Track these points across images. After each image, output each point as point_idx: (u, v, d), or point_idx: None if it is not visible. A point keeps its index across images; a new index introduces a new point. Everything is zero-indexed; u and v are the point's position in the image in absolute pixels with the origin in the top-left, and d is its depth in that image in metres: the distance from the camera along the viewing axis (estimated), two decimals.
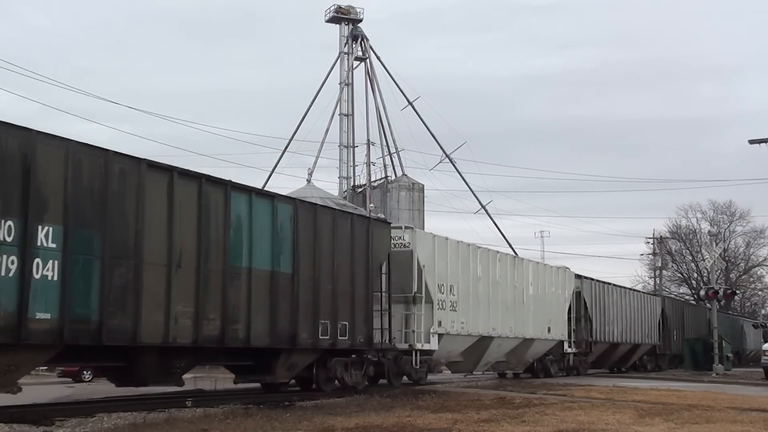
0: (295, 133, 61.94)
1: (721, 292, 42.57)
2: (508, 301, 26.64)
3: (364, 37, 64.18)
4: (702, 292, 47.31)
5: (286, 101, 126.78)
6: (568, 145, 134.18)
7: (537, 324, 28.69)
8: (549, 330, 29.71)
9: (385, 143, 62.65)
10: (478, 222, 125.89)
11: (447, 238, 23.54)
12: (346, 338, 18.61)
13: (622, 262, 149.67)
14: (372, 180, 59.14)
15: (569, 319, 31.83)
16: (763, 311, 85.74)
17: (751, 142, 34.84)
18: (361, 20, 64.45)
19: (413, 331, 21.40)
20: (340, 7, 64.03)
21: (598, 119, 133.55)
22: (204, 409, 14.53)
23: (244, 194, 16.09)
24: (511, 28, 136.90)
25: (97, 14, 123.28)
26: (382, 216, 48.98)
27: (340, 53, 64.14)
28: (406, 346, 21.33)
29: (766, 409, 16.33)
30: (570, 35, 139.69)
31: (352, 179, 63.39)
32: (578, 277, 34.00)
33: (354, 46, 64.23)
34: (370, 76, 64.08)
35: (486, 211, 62.09)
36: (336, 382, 19.16)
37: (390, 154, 62.72)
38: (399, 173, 62.13)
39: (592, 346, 34.48)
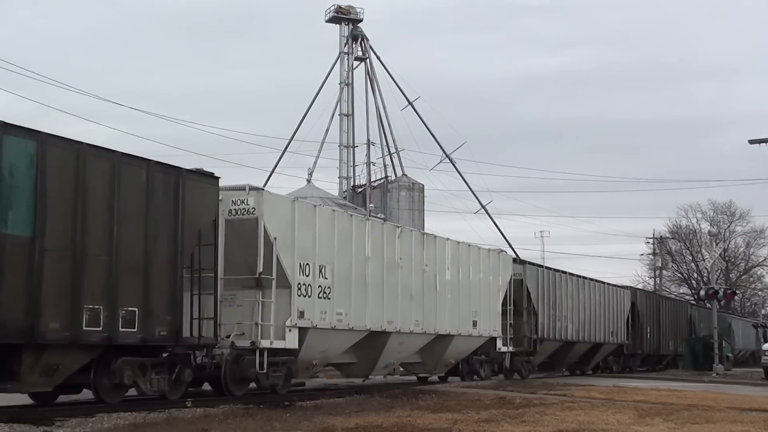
0: (295, 133, 62.03)
1: (721, 292, 42.55)
2: (413, 287, 21.34)
3: (364, 37, 64.22)
4: (702, 292, 47.29)
5: (285, 101, 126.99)
6: (566, 145, 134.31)
7: (457, 317, 23.43)
8: (475, 325, 24.39)
9: (385, 143, 62.74)
10: (478, 222, 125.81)
11: (316, 205, 18.64)
12: (136, 330, 13.83)
13: (622, 262, 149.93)
14: (372, 180, 59.18)
15: (505, 312, 26.38)
16: (763, 311, 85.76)
17: (751, 142, 34.87)
18: (361, 20, 64.50)
19: (256, 324, 16.38)
20: (340, 7, 64.06)
21: (596, 119, 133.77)
22: (204, 409, 14.52)
23: None
24: (508, 28, 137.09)
25: (95, 15, 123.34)
26: (382, 216, 49.07)
27: (340, 53, 64.17)
28: (248, 343, 16.41)
29: (766, 409, 16.33)
30: (567, 36, 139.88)
31: (352, 179, 63.46)
32: (520, 262, 29.58)
33: (354, 46, 64.27)
34: (370, 76, 64.13)
35: (486, 211, 62.13)
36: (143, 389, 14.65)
37: (390, 154, 62.81)
38: (399, 173, 62.19)
39: (538, 344, 29.17)
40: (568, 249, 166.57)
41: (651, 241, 75.85)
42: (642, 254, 78.16)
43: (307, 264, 17.60)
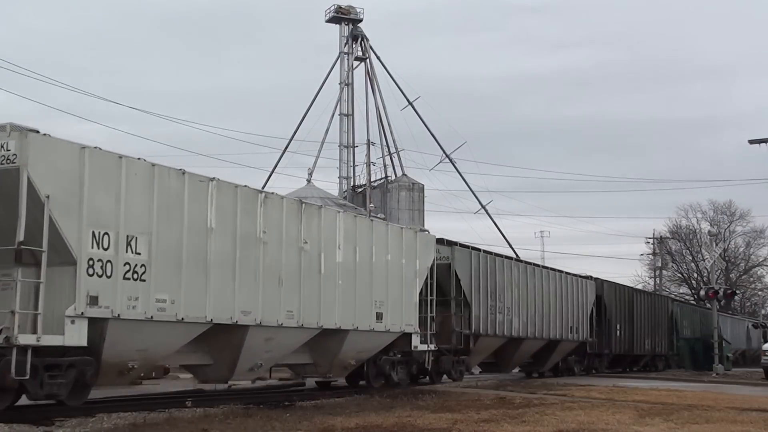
0: (295, 133, 62.08)
1: (721, 292, 42.56)
2: (283, 270, 16.54)
3: (364, 37, 64.25)
4: (702, 292, 47.30)
5: (284, 102, 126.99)
6: (565, 145, 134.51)
7: (352, 308, 18.73)
8: (379, 318, 19.80)
9: (385, 143, 62.79)
10: (478, 222, 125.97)
11: (123, 156, 13.62)
12: None
13: (622, 262, 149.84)
14: (372, 180, 59.21)
15: (427, 303, 21.68)
16: (763, 311, 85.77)
17: (751, 142, 34.86)
18: (361, 20, 64.53)
19: (12, 313, 11.88)
20: (340, 7, 64.09)
21: (594, 119, 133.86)
22: (204, 409, 14.53)
23: None
24: (505, 28, 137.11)
25: (93, 15, 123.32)
26: (382, 216, 49.09)
27: (340, 53, 64.20)
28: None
29: (766, 409, 16.33)
30: (564, 36, 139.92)
31: (352, 179, 63.49)
32: (447, 243, 24.36)
33: (354, 46, 64.29)
34: (370, 76, 64.17)
35: (486, 211, 62.17)
36: None
37: (390, 154, 62.85)
38: (399, 173, 62.22)
39: (472, 341, 24.53)
40: (568, 249, 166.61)
41: (651, 241, 75.92)
42: (642, 254, 78.26)
43: (107, 233, 13.15)
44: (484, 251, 26.76)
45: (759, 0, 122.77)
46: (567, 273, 32.22)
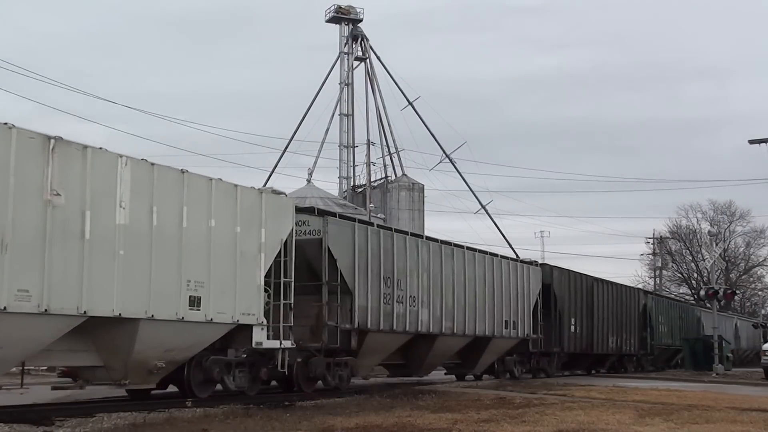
0: (295, 133, 62.10)
1: (721, 292, 42.55)
2: (8, 230, 11.66)
3: (364, 37, 64.28)
4: (702, 292, 47.26)
5: (283, 102, 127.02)
6: (563, 145, 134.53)
7: (146, 289, 13.88)
8: (196, 303, 14.75)
9: (385, 143, 62.82)
10: (478, 222, 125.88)
11: None
12: None
13: (622, 262, 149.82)
14: (372, 180, 59.20)
15: (281, 287, 16.97)
16: (763, 311, 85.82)
17: (751, 142, 34.88)
18: (361, 20, 64.56)
19: None
20: (340, 7, 64.12)
21: (592, 120, 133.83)
22: (204, 409, 14.53)
23: None
24: (502, 29, 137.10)
25: (91, 16, 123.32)
26: (382, 216, 49.10)
27: (340, 53, 64.22)
28: None
29: (766, 409, 16.33)
30: (561, 37, 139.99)
31: (352, 179, 63.50)
32: (319, 213, 19.51)
33: (354, 46, 64.31)
34: (370, 76, 64.20)
35: (486, 211, 62.18)
36: None
37: (390, 154, 62.88)
38: (399, 173, 62.25)
39: (355, 337, 19.55)
40: (568, 249, 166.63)
41: (651, 241, 75.96)
42: (642, 254, 78.30)
43: None
44: (378, 226, 21.93)
45: (751, 2, 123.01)
46: (503, 257, 27.33)
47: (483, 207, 62.01)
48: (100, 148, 13.32)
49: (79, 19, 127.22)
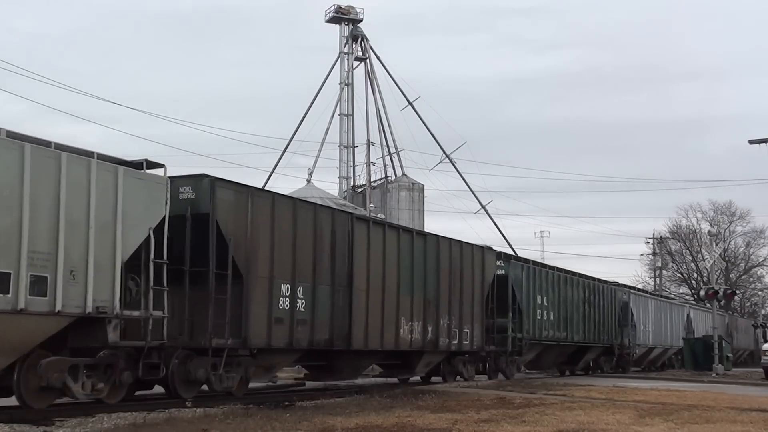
0: (295, 133, 62.04)
1: (721, 293, 42.54)
2: None
3: (364, 37, 64.23)
4: (702, 292, 47.24)
5: (282, 103, 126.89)
6: (561, 145, 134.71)
7: None
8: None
9: (385, 143, 62.75)
10: (478, 222, 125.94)
11: None
12: None
13: (622, 262, 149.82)
14: (372, 180, 59.23)
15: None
16: (763, 311, 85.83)
17: (751, 142, 34.86)
18: (361, 20, 64.50)
19: None
20: (340, 7, 64.08)
21: (588, 120, 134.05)
22: (204, 409, 14.53)
23: None
24: (494, 30, 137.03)
25: (84, 16, 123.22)
26: (382, 216, 49.11)
27: (340, 53, 64.17)
28: None
29: (766, 409, 16.33)
30: (553, 37, 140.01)
31: (352, 179, 63.44)
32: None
33: (354, 46, 64.29)
34: (370, 76, 64.15)
35: (486, 211, 62.13)
36: None
37: (390, 154, 62.81)
38: (399, 173, 62.18)
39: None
40: (569, 249, 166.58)
41: (651, 241, 75.94)
42: (642, 254, 78.28)
43: None
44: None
45: (744, 3, 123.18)
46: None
47: (483, 207, 62.01)
48: None
49: (75, 19, 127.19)
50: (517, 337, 27.96)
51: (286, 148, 61.81)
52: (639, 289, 44.27)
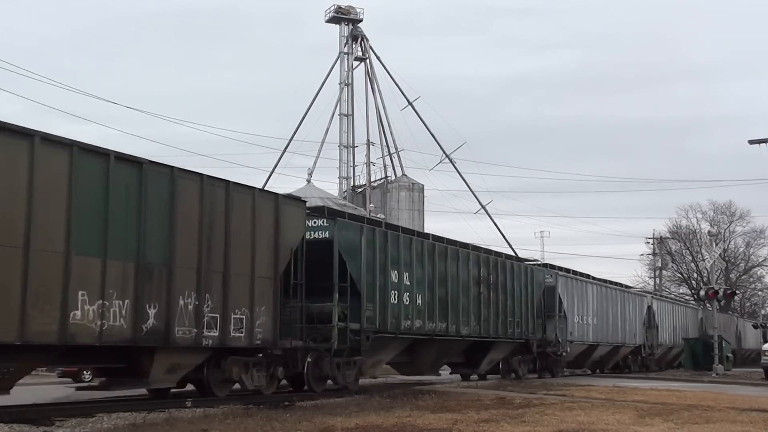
0: (295, 133, 62.18)
1: (721, 293, 42.53)
2: None
3: (364, 38, 64.29)
4: (702, 293, 47.23)
5: (280, 103, 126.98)
6: (558, 146, 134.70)
7: None
8: None
9: (385, 143, 62.86)
10: (478, 222, 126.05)
11: None
12: None
13: (622, 262, 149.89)
14: (372, 180, 59.31)
15: None
16: (763, 311, 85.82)
17: (751, 142, 34.87)
18: (361, 20, 64.58)
19: None
20: (340, 7, 64.11)
21: (585, 121, 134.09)
22: (204, 409, 14.53)
23: None
24: (489, 30, 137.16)
25: (83, 17, 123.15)
26: (382, 216, 49.12)
27: (339, 53, 64.21)
28: None
29: (766, 409, 16.33)
30: (548, 37, 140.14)
31: (351, 179, 63.49)
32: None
33: (354, 46, 64.32)
34: (370, 76, 64.21)
35: (486, 211, 62.19)
36: None
37: (390, 154, 62.89)
38: (399, 173, 62.26)
39: None
40: (568, 249, 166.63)
41: (651, 241, 75.93)
42: (642, 254, 78.26)
43: None
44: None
45: (738, 3, 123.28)
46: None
47: (483, 207, 62.06)
48: None
49: (74, 19, 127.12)
50: (350, 329, 19.35)
51: (286, 148, 61.94)
52: (578, 273, 35.15)
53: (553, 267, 33.35)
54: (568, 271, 34.11)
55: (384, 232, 21.16)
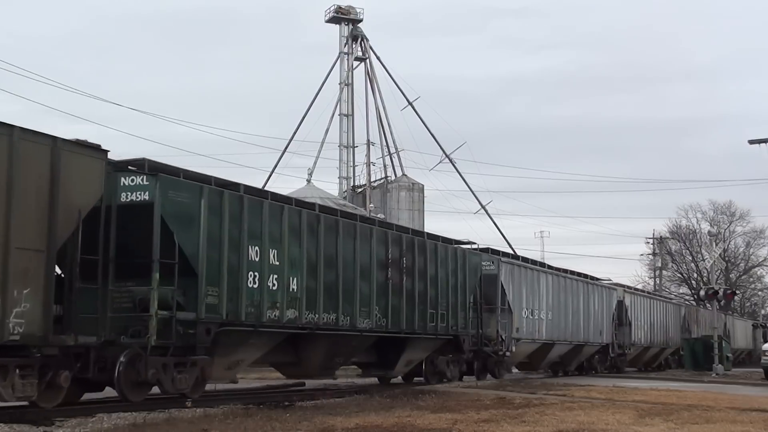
0: (294, 133, 62.07)
1: (721, 293, 42.54)
2: None
3: (364, 38, 64.25)
4: (702, 293, 47.25)
5: (280, 103, 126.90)
6: (559, 146, 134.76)
7: None
8: None
9: (385, 143, 62.77)
10: (478, 222, 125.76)
11: None
12: None
13: (622, 262, 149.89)
14: (372, 180, 59.28)
15: None
16: (763, 311, 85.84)
17: (751, 142, 34.90)
18: (361, 20, 64.52)
19: None
20: (340, 8, 64.09)
21: (583, 121, 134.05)
22: (204, 409, 14.53)
23: None
24: (486, 30, 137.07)
25: (83, 17, 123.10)
26: (382, 216, 49.13)
27: (339, 53, 64.17)
28: None
29: (766, 409, 16.33)
30: (546, 38, 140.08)
31: (351, 179, 63.45)
32: None
33: (354, 46, 64.30)
34: (370, 76, 64.15)
35: (486, 211, 62.13)
36: None
37: (390, 154, 62.82)
38: (399, 173, 62.20)
39: None
40: (568, 249, 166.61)
41: (651, 241, 75.91)
42: (642, 254, 78.23)
43: None
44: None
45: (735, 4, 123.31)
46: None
47: (483, 207, 62.00)
48: None
49: (73, 19, 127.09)
50: (178, 319, 14.59)
51: (285, 148, 61.87)
52: (529, 260, 31.50)
53: (496, 252, 28.63)
54: (516, 257, 30.69)
55: (239, 197, 16.30)
